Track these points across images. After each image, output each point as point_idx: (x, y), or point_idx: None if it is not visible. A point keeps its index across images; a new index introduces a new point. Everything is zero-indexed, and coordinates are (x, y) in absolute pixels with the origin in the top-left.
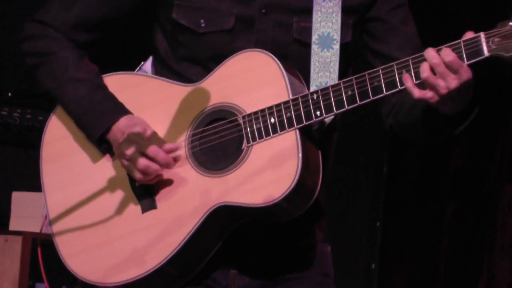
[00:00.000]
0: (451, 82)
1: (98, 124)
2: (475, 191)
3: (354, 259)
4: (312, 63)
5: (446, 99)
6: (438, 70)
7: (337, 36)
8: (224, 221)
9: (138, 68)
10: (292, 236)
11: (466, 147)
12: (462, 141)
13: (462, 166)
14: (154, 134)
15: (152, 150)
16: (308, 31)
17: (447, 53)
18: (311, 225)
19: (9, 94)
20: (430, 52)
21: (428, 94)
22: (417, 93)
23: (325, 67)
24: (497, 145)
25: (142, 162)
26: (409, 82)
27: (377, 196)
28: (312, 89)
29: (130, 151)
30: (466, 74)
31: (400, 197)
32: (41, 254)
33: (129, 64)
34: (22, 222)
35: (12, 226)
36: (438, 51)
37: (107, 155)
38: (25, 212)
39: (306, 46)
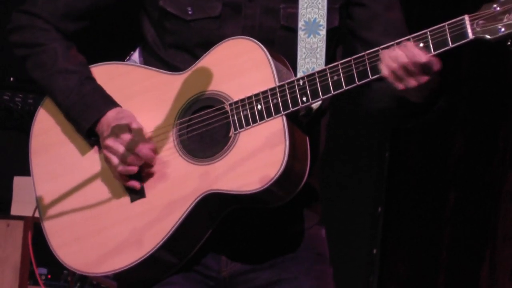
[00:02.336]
0: (422, 78)
1: (87, 117)
2: (478, 178)
3: (356, 245)
4: (298, 49)
5: (414, 91)
6: (409, 69)
7: (323, 21)
8: (213, 208)
9: (127, 58)
10: (283, 221)
11: (469, 135)
12: (465, 129)
13: (464, 154)
14: (140, 129)
15: (136, 145)
16: (294, 17)
17: (420, 56)
18: (303, 210)
19: (11, 79)
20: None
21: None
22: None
23: (311, 53)
24: (499, 133)
25: (127, 157)
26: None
27: (379, 182)
28: (299, 75)
29: (114, 143)
30: (436, 67)
31: (402, 183)
32: (43, 238)
33: (118, 55)
34: (24, 207)
35: (14, 211)
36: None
37: (96, 147)
38: (26, 196)
39: (292, 32)
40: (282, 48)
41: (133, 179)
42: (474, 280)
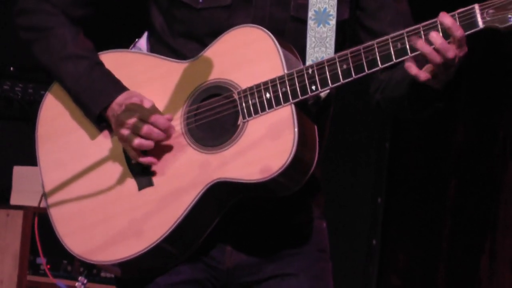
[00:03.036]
0: (458, 54)
1: (97, 102)
2: (479, 168)
3: (355, 235)
4: (308, 38)
5: (443, 74)
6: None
7: (333, 11)
8: (221, 197)
9: (132, 45)
10: (288, 213)
11: (470, 124)
12: (466, 117)
13: (465, 143)
14: (152, 104)
15: (153, 116)
16: (305, 7)
17: (457, 28)
18: (307, 201)
19: (11, 68)
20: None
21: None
22: (423, 76)
23: (321, 42)
24: (500, 122)
25: (144, 127)
26: (413, 69)
27: (379, 172)
28: (308, 64)
29: (130, 119)
30: (466, 47)
31: (402, 174)
32: (41, 228)
33: (123, 41)
34: (24, 197)
35: (14, 201)
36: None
37: (105, 133)
38: (26, 186)
39: (302, 22)
40: (292, 39)
41: (145, 167)
42: (474, 270)
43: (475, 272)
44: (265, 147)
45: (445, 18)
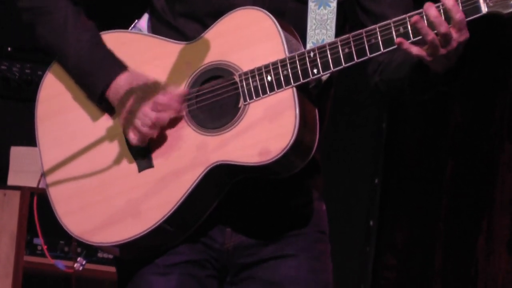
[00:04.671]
0: (453, 42)
1: (99, 80)
2: (475, 148)
3: (353, 216)
4: (308, 20)
5: (442, 57)
6: (440, 30)
7: None
8: (222, 178)
9: (132, 26)
10: (288, 194)
11: (466, 105)
12: (462, 98)
13: (462, 124)
14: (157, 82)
15: (160, 98)
16: None
17: (457, 11)
18: (307, 183)
19: (9, 48)
20: (432, 10)
21: (426, 52)
22: (415, 50)
23: (321, 24)
24: (496, 103)
25: (151, 113)
26: (405, 44)
27: (376, 153)
28: (309, 46)
29: (134, 102)
30: (467, 32)
31: (399, 154)
32: (39, 209)
33: (123, 22)
34: (21, 177)
35: (11, 181)
36: (438, 7)
37: (104, 113)
38: (23, 166)
39: (303, 3)
40: (293, 19)
41: (145, 149)
42: (471, 250)
43: (472, 252)
44: (266, 129)
45: (447, 1)
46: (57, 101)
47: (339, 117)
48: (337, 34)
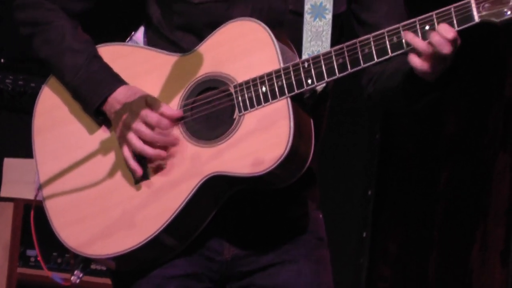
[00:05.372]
0: (447, 54)
1: (95, 95)
2: (469, 158)
3: (346, 227)
4: (304, 32)
5: (435, 67)
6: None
7: (329, 5)
8: (218, 190)
9: (128, 38)
10: (285, 205)
11: (460, 114)
12: (456, 108)
13: (456, 133)
14: (153, 99)
15: (149, 115)
16: (302, 1)
17: (448, 30)
18: (303, 195)
19: (1, 60)
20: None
21: (425, 65)
22: (417, 62)
23: (317, 36)
24: (490, 112)
25: (148, 133)
26: (409, 35)
27: (370, 163)
28: (304, 58)
29: (130, 119)
30: (458, 42)
31: (393, 164)
32: (28, 220)
33: (119, 35)
34: (14, 188)
35: (4, 193)
36: (432, 24)
37: (101, 126)
38: (17, 178)
39: (300, 16)
40: (290, 31)
41: (141, 160)
42: (465, 260)
43: (466, 262)
44: (261, 140)
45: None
46: (54, 114)
47: (333, 128)
48: (332, 46)
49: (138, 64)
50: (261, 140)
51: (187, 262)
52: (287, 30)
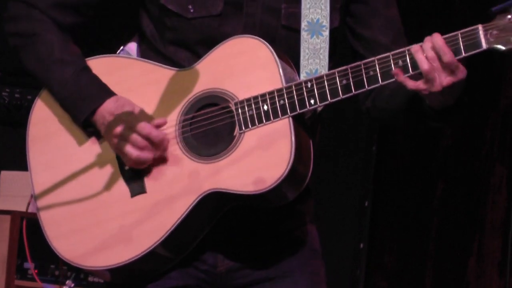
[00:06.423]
0: (445, 79)
1: (83, 107)
2: (466, 170)
3: (343, 239)
4: (302, 50)
5: (438, 94)
6: (433, 65)
7: (326, 22)
8: (214, 206)
9: (121, 48)
10: (279, 220)
11: (457, 126)
12: None
13: (452, 145)
14: (143, 111)
15: (144, 127)
16: (296, 16)
17: (445, 53)
18: (297, 208)
19: None
20: (427, 44)
21: (422, 85)
22: (410, 84)
23: (315, 54)
24: (487, 124)
25: (141, 142)
26: (401, 76)
27: (366, 175)
28: (302, 76)
29: (120, 129)
30: (461, 74)
31: (389, 176)
32: (29, 233)
33: (110, 46)
34: (11, 201)
35: (1, 205)
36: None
37: (95, 138)
38: (13, 191)
39: (294, 32)
40: (283, 47)
41: (138, 174)
42: (462, 272)
43: (463, 274)
44: (261, 158)
45: (436, 40)
46: (49, 124)
47: (329, 140)
48: (330, 63)
49: (135, 77)
50: (261, 159)
51: (182, 274)
52: (281, 45)
